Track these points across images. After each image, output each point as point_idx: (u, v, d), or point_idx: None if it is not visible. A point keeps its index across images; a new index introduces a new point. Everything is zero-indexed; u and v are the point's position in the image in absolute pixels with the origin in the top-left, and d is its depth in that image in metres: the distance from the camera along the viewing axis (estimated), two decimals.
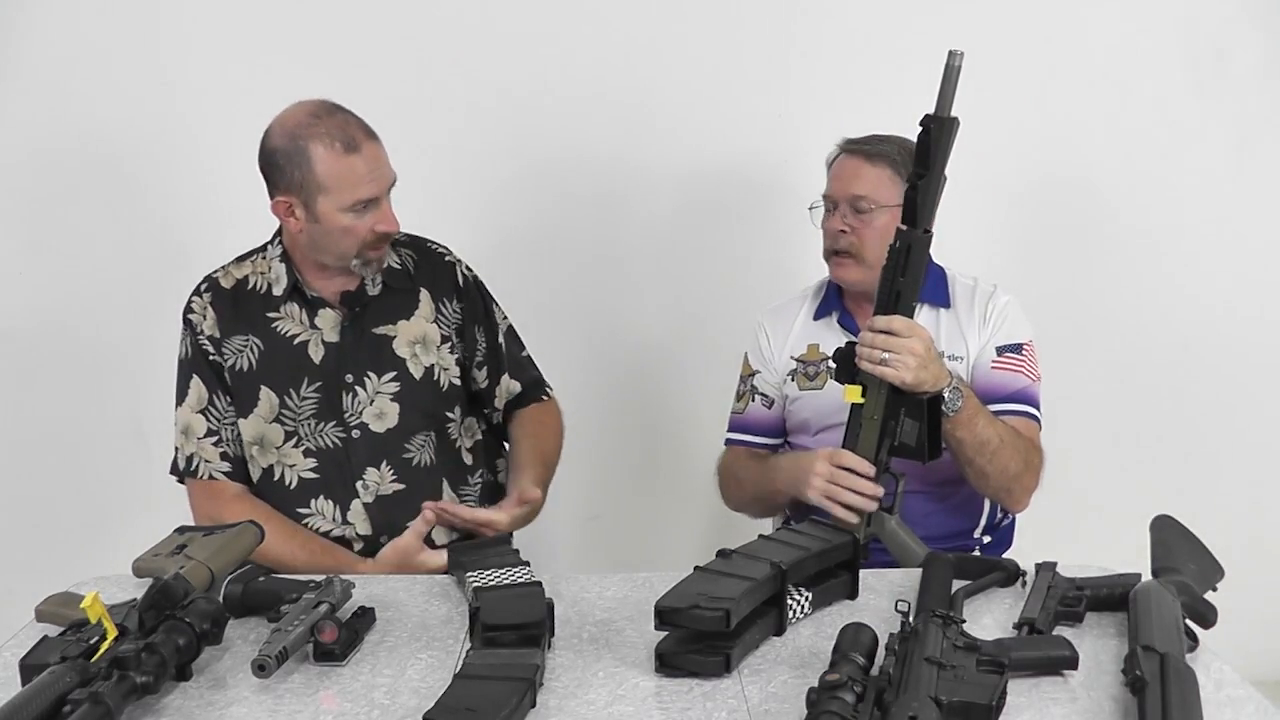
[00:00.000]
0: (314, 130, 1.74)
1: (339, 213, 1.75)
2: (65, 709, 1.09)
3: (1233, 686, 1.23)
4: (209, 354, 1.85)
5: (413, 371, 1.87)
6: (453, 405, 1.92)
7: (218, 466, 1.86)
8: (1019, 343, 1.91)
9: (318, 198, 1.75)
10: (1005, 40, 2.46)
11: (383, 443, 1.86)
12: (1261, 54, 2.54)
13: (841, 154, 1.94)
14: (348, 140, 1.74)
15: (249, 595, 1.45)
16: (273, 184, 1.79)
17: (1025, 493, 1.84)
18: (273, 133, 1.77)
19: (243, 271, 1.89)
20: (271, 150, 1.77)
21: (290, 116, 1.77)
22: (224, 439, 1.86)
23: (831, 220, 1.92)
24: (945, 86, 1.55)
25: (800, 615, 1.41)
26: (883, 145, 1.89)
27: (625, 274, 2.63)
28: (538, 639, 1.28)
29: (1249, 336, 2.67)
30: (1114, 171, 2.59)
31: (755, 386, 2.04)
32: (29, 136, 2.49)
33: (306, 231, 1.79)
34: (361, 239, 1.78)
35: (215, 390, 1.86)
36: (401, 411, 1.86)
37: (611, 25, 2.49)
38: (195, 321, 1.87)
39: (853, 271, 1.91)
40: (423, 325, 1.89)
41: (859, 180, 1.88)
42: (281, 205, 1.78)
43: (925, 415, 1.66)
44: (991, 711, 1.12)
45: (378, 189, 1.77)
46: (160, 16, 2.44)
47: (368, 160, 1.76)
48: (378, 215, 1.78)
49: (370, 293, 1.87)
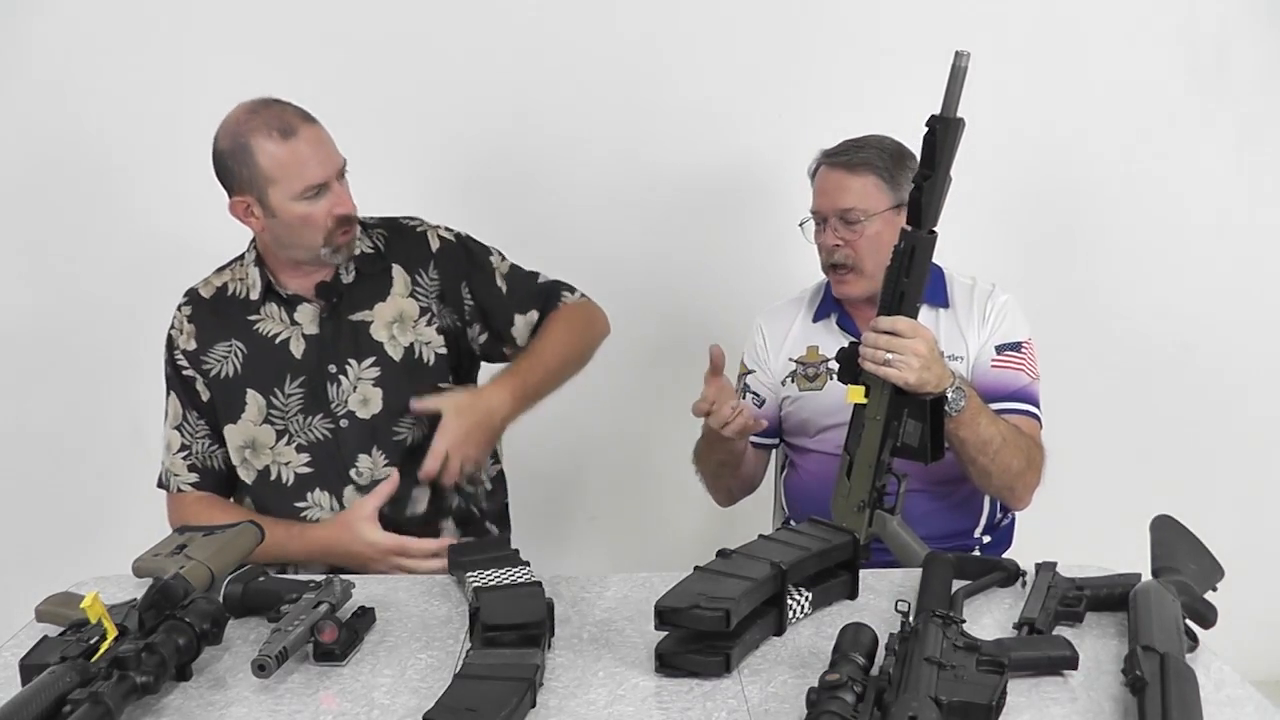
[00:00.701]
0: (251, 124, 1.74)
1: (291, 202, 1.75)
2: (65, 709, 1.09)
3: (1233, 686, 1.23)
4: (183, 369, 1.87)
5: (391, 354, 1.87)
6: (443, 377, 1.91)
7: (185, 479, 1.89)
8: (1018, 341, 1.91)
9: (268, 191, 1.75)
10: (1004, 40, 2.46)
11: (370, 429, 1.85)
12: (1262, 54, 2.54)
13: (822, 167, 1.94)
14: (284, 127, 1.74)
15: (249, 595, 1.45)
16: (228, 187, 1.79)
17: (1028, 490, 1.84)
18: (218, 137, 1.78)
19: (222, 280, 1.91)
20: (219, 154, 1.77)
21: (230, 117, 1.78)
22: (194, 452, 1.89)
23: (824, 235, 1.92)
24: (951, 87, 1.54)
25: (800, 615, 1.41)
26: (862, 153, 1.89)
27: (624, 274, 2.63)
28: (538, 639, 1.28)
29: (1249, 336, 2.67)
30: (1113, 171, 2.60)
31: (748, 385, 2.05)
32: (29, 137, 2.49)
33: (269, 229, 1.79)
34: (322, 226, 1.78)
35: (187, 407, 1.88)
36: (385, 396, 1.86)
37: (610, 25, 2.49)
38: (174, 337, 1.89)
39: (854, 285, 1.91)
40: (399, 303, 1.88)
41: (845, 193, 1.88)
42: (239, 206, 1.79)
43: (928, 416, 1.66)
44: (991, 711, 1.12)
45: (324, 173, 1.76)
46: (160, 17, 2.44)
47: (309, 143, 1.75)
48: (332, 199, 1.78)
49: (345, 281, 1.87)
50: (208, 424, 1.88)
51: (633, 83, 2.52)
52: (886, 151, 1.88)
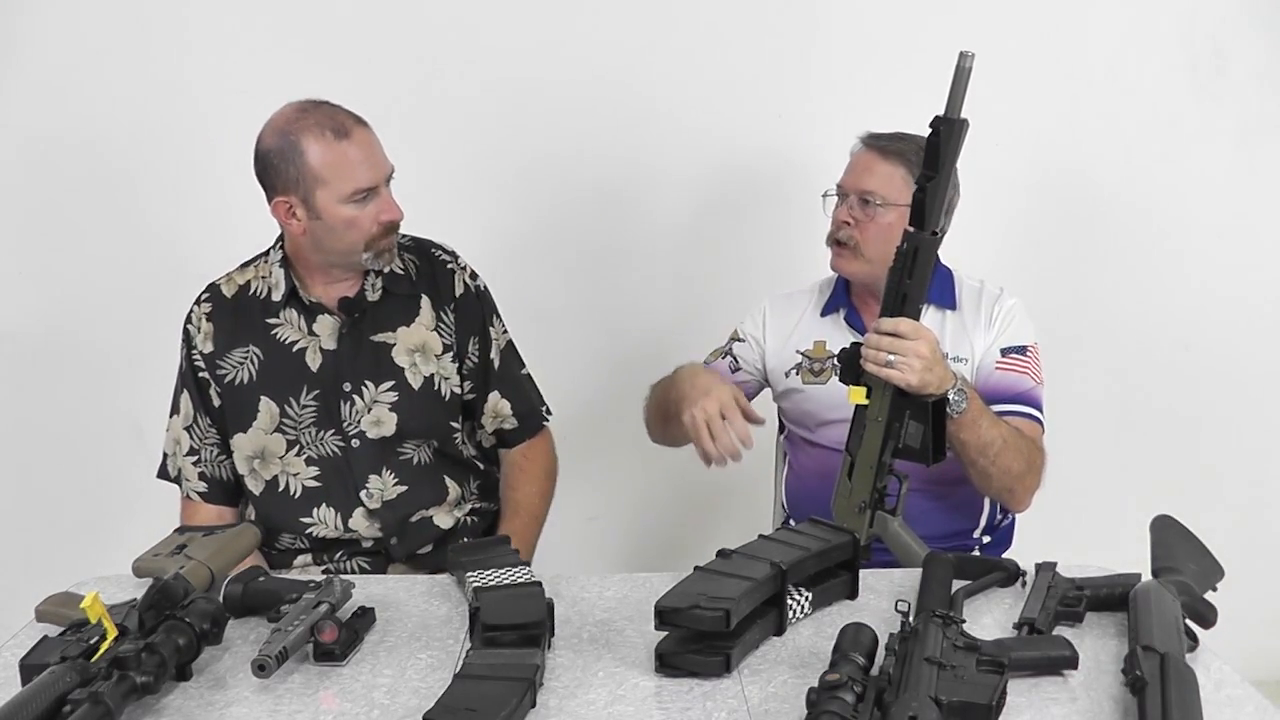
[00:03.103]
0: (303, 123, 1.72)
1: (339, 205, 1.72)
2: (65, 709, 1.09)
3: (1233, 686, 1.23)
4: (199, 370, 1.85)
5: (411, 381, 1.85)
6: (455, 415, 1.90)
7: (195, 486, 1.89)
8: (1023, 344, 1.91)
9: (316, 192, 1.72)
10: (1004, 40, 2.45)
11: (380, 450, 1.85)
12: (1261, 54, 2.54)
13: (861, 145, 1.95)
14: (338, 128, 1.72)
15: (249, 595, 1.45)
16: (270, 187, 1.76)
17: (1027, 493, 1.84)
18: (264, 136, 1.75)
19: (245, 277, 1.88)
20: (265, 152, 1.74)
21: (279, 116, 1.75)
22: (203, 459, 1.88)
23: (839, 211, 1.92)
24: (955, 88, 1.54)
25: (800, 615, 1.41)
26: (901, 144, 1.89)
27: (627, 274, 2.63)
28: (538, 639, 1.28)
29: (1249, 336, 2.67)
30: (1114, 172, 2.59)
31: (732, 349, 2.05)
32: (29, 137, 2.49)
33: (310, 231, 1.76)
34: (367, 232, 1.75)
35: (199, 410, 1.87)
36: (399, 421, 1.84)
37: (615, 27, 2.49)
38: (190, 334, 1.87)
39: (850, 264, 1.91)
40: (423, 333, 1.87)
41: (870, 175, 1.89)
42: (281, 207, 1.75)
43: (930, 418, 1.66)
44: (991, 711, 1.12)
45: (375, 176, 1.74)
46: (160, 17, 2.44)
47: (360, 146, 1.73)
48: (379, 204, 1.75)
49: (370, 298, 1.84)
50: (217, 430, 1.87)
51: (634, 84, 2.51)
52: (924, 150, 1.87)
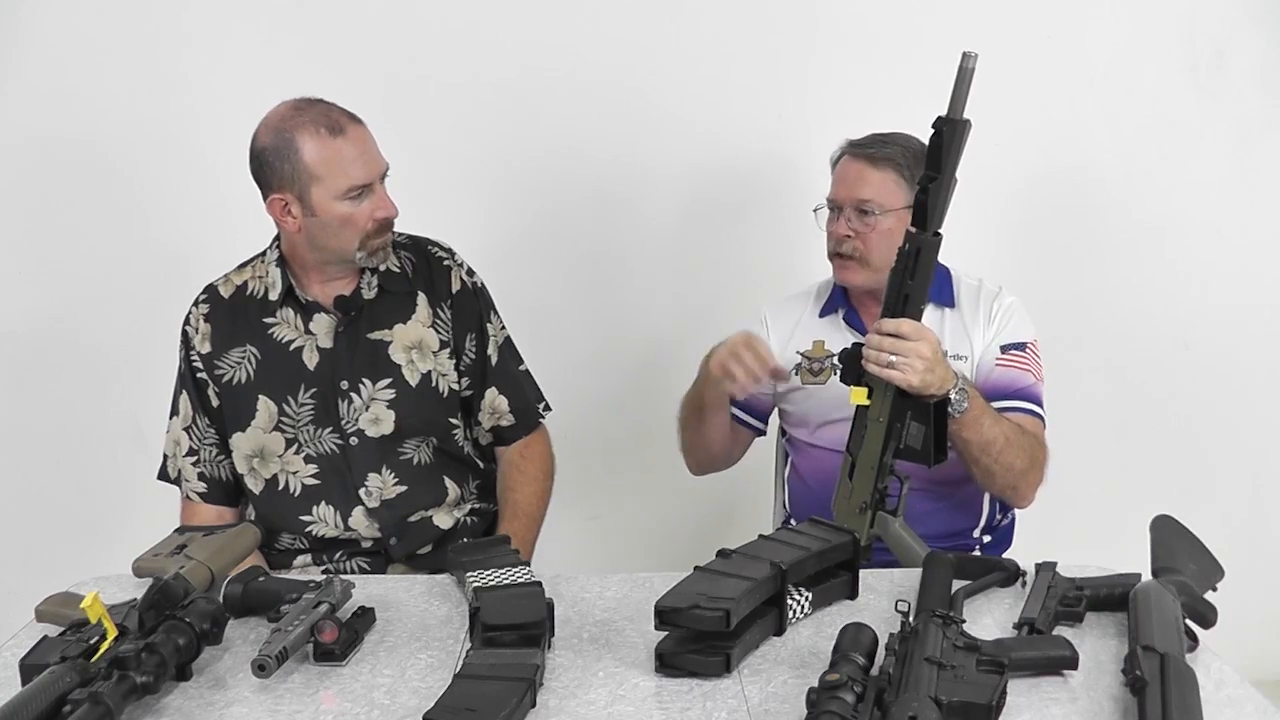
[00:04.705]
0: (298, 121, 1.73)
1: (334, 201, 1.73)
2: (65, 709, 1.09)
3: (1233, 686, 1.23)
4: (197, 371, 1.86)
5: (408, 378, 1.85)
6: (454, 412, 1.91)
7: (194, 487, 1.89)
8: (1023, 341, 1.90)
9: (311, 189, 1.73)
10: (1004, 40, 2.45)
11: (379, 448, 1.85)
12: (1261, 54, 2.54)
13: (845, 156, 1.93)
14: (333, 125, 1.73)
15: (249, 595, 1.45)
16: (265, 184, 1.77)
17: (1031, 489, 1.84)
18: (259, 133, 1.76)
19: (242, 278, 1.88)
20: (260, 150, 1.75)
21: (274, 113, 1.76)
22: (202, 459, 1.88)
23: (836, 224, 1.91)
24: (958, 88, 1.53)
25: (800, 615, 1.41)
26: (887, 148, 1.88)
27: (626, 274, 2.63)
28: (538, 639, 1.28)
29: (1249, 336, 2.67)
30: (1113, 172, 2.59)
31: None
32: (28, 137, 2.49)
33: (305, 229, 1.76)
34: (362, 228, 1.76)
35: (198, 411, 1.87)
36: (398, 419, 1.84)
37: (613, 24, 2.49)
38: (189, 334, 1.87)
39: (857, 275, 1.91)
40: (420, 330, 1.87)
41: (864, 184, 1.87)
42: (276, 204, 1.76)
43: (931, 418, 1.66)
44: (991, 711, 1.12)
45: (369, 173, 1.75)
46: (159, 17, 2.44)
47: (355, 143, 1.74)
48: (374, 201, 1.76)
49: (366, 296, 1.85)
50: (216, 431, 1.88)
51: (632, 82, 2.51)
52: (910, 151, 1.86)
